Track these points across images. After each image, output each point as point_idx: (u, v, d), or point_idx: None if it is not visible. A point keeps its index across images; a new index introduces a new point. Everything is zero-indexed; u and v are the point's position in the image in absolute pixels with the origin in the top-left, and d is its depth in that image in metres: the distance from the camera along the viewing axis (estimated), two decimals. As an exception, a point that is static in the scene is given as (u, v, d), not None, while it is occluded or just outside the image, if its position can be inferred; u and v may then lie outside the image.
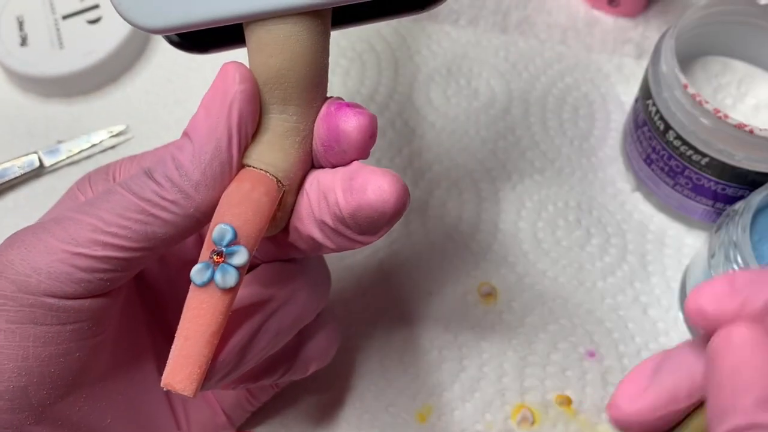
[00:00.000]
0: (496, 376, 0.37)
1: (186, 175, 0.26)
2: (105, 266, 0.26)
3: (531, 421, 0.36)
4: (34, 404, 0.27)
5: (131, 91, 0.48)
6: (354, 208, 0.25)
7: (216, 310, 0.25)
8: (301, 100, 0.26)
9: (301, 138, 0.27)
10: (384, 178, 0.25)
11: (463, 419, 0.36)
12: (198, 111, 0.26)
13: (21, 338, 0.26)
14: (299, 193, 0.28)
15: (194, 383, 0.25)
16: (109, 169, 0.31)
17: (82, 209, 0.26)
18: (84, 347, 0.27)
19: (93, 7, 0.48)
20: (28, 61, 0.46)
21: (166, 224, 0.26)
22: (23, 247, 0.26)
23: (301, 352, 0.33)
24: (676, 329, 0.38)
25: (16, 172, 0.44)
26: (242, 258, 0.25)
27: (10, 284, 0.26)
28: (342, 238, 0.27)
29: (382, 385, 0.38)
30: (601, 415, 0.36)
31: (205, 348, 0.25)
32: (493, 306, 0.39)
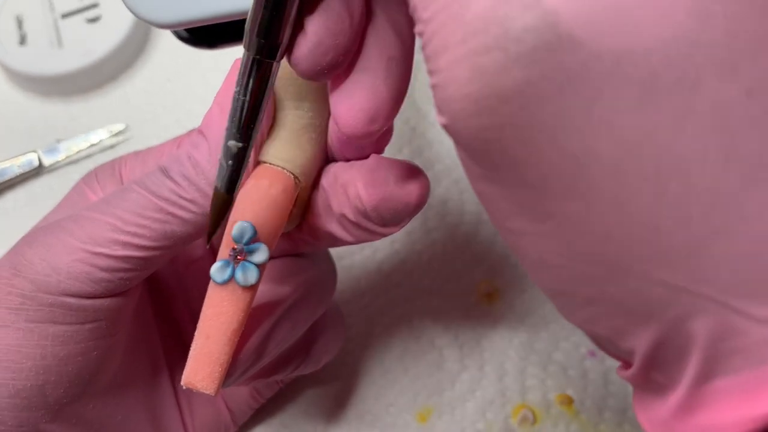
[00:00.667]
0: (497, 375, 0.37)
1: (203, 174, 0.26)
2: (124, 266, 0.26)
3: (532, 421, 0.36)
4: (50, 403, 0.27)
5: (130, 90, 0.47)
6: (377, 200, 0.25)
7: (237, 307, 0.25)
8: (315, 95, 0.26)
9: (317, 134, 0.27)
10: (407, 170, 0.26)
11: (464, 419, 0.36)
12: (212, 107, 0.26)
13: (39, 337, 0.26)
14: (316, 189, 0.27)
15: (215, 382, 0.25)
16: (115, 164, 0.31)
17: (100, 208, 0.26)
18: (101, 346, 0.27)
19: (92, 6, 0.48)
20: (27, 60, 0.46)
21: (185, 223, 0.26)
22: (42, 246, 0.26)
23: (312, 346, 0.33)
24: (677, 329, 0.38)
25: (15, 172, 0.44)
26: (263, 255, 0.25)
27: (29, 284, 0.26)
28: (362, 231, 0.26)
29: (383, 385, 0.38)
30: (602, 415, 0.36)
31: (227, 346, 0.25)
32: (494, 305, 0.39)
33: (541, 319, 0.39)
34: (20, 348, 0.26)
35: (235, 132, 0.23)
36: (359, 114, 0.22)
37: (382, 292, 0.40)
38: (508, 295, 0.40)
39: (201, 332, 0.26)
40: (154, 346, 0.32)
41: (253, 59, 0.22)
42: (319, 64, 0.21)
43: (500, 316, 0.39)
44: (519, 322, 0.39)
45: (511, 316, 0.39)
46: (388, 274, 0.40)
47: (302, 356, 0.32)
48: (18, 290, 0.26)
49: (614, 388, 0.37)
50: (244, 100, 0.23)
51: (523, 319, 0.39)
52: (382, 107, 0.22)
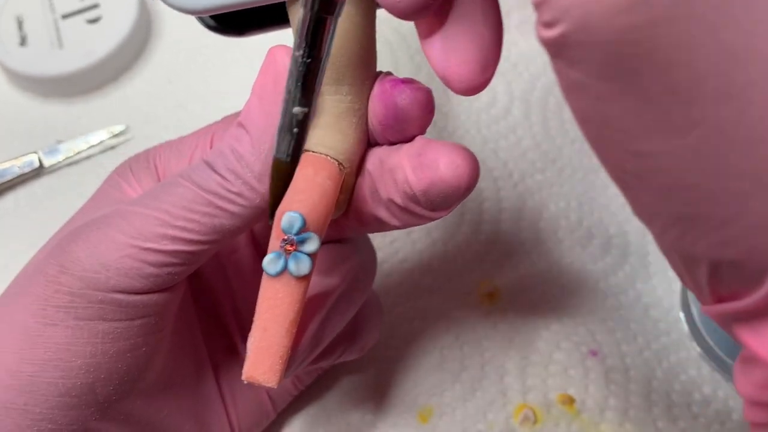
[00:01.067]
0: (498, 375, 0.37)
1: (248, 167, 0.25)
2: (173, 260, 0.26)
3: (533, 421, 0.36)
4: (100, 401, 0.27)
5: (131, 91, 0.47)
6: (427, 185, 0.25)
7: (292, 298, 0.25)
8: (353, 78, 0.26)
9: (358, 118, 0.26)
10: (456, 152, 0.25)
11: (465, 419, 0.36)
12: (250, 99, 0.26)
13: (90, 335, 0.26)
14: (360, 174, 0.27)
15: (277, 374, 0.25)
16: (149, 156, 0.30)
17: (147, 203, 0.26)
18: (150, 342, 0.27)
19: (92, 7, 0.48)
20: (28, 60, 0.46)
21: (233, 216, 0.26)
22: (89, 243, 0.26)
23: (356, 332, 0.33)
24: (678, 329, 0.38)
25: (16, 172, 0.44)
26: (314, 245, 0.25)
27: (78, 281, 0.25)
28: (410, 215, 0.26)
29: (384, 384, 0.37)
30: (603, 414, 0.36)
31: (285, 338, 0.25)
32: (495, 305, 0.39)
33: (542, 318, 0.39)
34: (70, 346, 0.26)
35: (300, 97, 0.23)
36: (472, 65, 0.22)
37: (383, 292, 0.40)
38: (508, 294, 0.40)
39: (258, 325, 0.25)
40: (196, 340, 0.32)
41: (311, 17, 0.22)
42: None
43: (501, 316, 0.39)
44: (520, 321, 0.39)
45: (512, 315, 0.39)
46: (389, 273, 0.40)
47: (347, 342, 0.32)
48: (66, 288, 0.26)
49: (615, 388, 0.37)
50: (304, 61, 0.22)
51: (524, 319, 0.39)
52: (490, 54, 0.22)
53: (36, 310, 0.26)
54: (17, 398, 0.26)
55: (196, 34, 0.50)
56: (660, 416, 0.36)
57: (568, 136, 0.45)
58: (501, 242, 0.41)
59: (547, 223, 0.42)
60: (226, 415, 0.33)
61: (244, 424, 0.33)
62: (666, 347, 0.38)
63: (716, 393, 0.37)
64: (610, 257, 0.41)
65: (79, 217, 0.30)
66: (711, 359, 0.37)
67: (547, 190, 0.43)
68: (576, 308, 0.39)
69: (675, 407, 0.36)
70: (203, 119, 0.46)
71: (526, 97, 0.46)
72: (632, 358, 0.38)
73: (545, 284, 0.40)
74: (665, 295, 0.39)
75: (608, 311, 0.39)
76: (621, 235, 0.41)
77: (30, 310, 0.26)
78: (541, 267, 0.40)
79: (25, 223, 0.43)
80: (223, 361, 0.33)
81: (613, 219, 0.42)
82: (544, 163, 0.44)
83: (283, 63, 0.25)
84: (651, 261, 0.40)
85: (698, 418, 0.36)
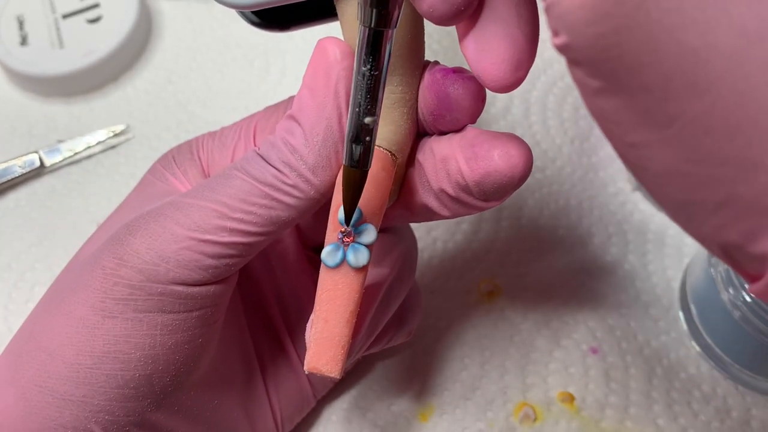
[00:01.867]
0: (498, 373, 0.37)
1: (302, 159, 0.25)
2: (231, 252, 0.26)
3: (533, 419, 0.36)
4: (156, 392, 0.27)
5: (131, 91, 0.48)
6: (481, 175, 0.25)
7: (352, 289, 0.25)
8: (404, 69, 0.26)
9: (408, 108, 0.26)
10: (510, 142, 0.25)
11: (465, 417, 0.36)
12: (301, 91, 0.26)
13: (149, 327, 0.26)
14: (410, 164, 0.27)
15: (339, 364, 0.26)
16: (192, 147, 0.31)
17: (203, 195, 0.26)
18: (206, 333, 0.28)
19: (93, 7, 0.48)
20: (29, 60, 0.46)
21: (288, 208, 0.26)
22: (147, 235, 0.26)
23: (404, 316, 0.33)
24: (677, 328, 0.38)
25: (17, 172, 0.44)
26: (371, 236, 0.25)
27: (138, 273, 0.26)
28: (461, 205, 0.26)
29: (384, 384, 0.38)
30: (604, 412, 0.36)
31: (345, 328, 0.26)
32: (495, 303, 0.39)
33: (542, 316, 0.39)
34: (129, 338, 0.26)
35: (370, 107, 0.23)
36: (504, 65, 0.22)
37: (383, 291, 0.40)
38: (509, 293, 0.40)
39: (319, 316, 0.26)
40: (243, 331, 0.32)
41: (370, 31, 0.22)
42: (455, 3, 0.21)
43: (501, 314, 0.39)
44: (520, 319, 0.39)
45: (511, 314, 0.39)
46: (389, 273, 0.40)
47: (396, 328, 0.33)
48: (126, 281, 0.26)
49: (615, 386, 0.37)
50: (372, 74, 0.23)
51: (525, 317, 0.39)
52: (523, 54, 0.22)
53: (95, 302, 0.26)
54: (75, 390, 0.26)
55: (196, 34, 0.50)
56: (660, 414, 0.36)
57: (568, 135, 0.45)
58: (501, 241, 0.41)
59: (547, 222, 0.42)
60: (269, 403, 0.33)
61: (286, 412, 0.34)
62: (666, 345, 0.38)
63: (715, 391, 0.37)
64: (609, 255, 0.41)
65: (126, 209, 0.30)
66: (710, 357, 0.37)
67: (547, 189, 0.43)
68: (576, 306, 0.39)
69: (675, 405, 0.36)
70: (203, 119, 0.46)
71: (526, 96, 0.46)
72: (632, 356, 0.38)
73: (545, 282, 0.40)
74: (664, 293, 0.39)
75: (608, 309, 0.39)
76: (620, 233, 0.41)
77: (89, 303, 0.26)
78: (540, 265, 0.40)
79: (26, 222, 0.43)
80: (267, 350, 0.33)
81: (613, 218, 0.42)
82: (543, 161, 0.44)
83: (333, 54, 0.25)
84: (650, 260, 0.40)
85: (698, 416, 0.36)
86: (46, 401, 0.26)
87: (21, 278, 0.41)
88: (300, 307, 0.33)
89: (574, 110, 0.46)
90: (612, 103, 0.19)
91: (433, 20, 0.22)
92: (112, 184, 0.44)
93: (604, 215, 0.42)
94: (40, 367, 0.26)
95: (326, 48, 0.25)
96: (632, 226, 0.42)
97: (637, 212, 0.42)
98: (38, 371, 0.26)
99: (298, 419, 0.35)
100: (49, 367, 0.26)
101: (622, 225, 0.42)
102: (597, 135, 0.45)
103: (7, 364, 0.27)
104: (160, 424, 0.28)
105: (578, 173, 0.43)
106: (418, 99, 0.27)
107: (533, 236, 0.41)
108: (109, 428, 0.26)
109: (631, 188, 0.43)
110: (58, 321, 0.26)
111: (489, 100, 0.46)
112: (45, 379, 0.26)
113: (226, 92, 0.47)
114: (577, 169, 0.43)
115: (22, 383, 0.26)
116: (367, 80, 0.23)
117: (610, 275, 0.40)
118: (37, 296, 0.40)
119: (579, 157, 0.44)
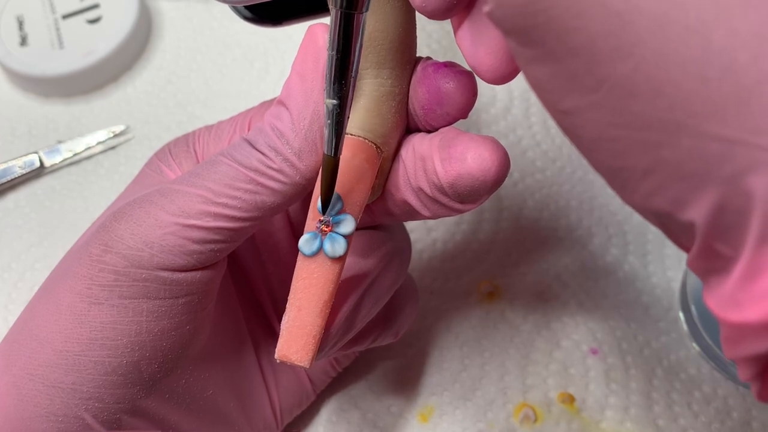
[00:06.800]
0: (498, 374, 0.37)
1: (288, 144, 0.25)
2: (216, 237, 0.26)
3: (533, 420, 0.36)
4: (145, 378, 0.27)
5: (131, 91, 0.48)
6: (453, 177, 0.25)
7: (327, 279, 0.25)
8: (395, 62, 0.26)
9: (397, 102, 0.26)
10: (484, 145, 0.25)
11: (465, 418, 0.36)
12: (291, 77, 0.26)
13: (134, 313, 0.26)
14: (395, 159, 0.27)
15: (309, 353, 0.25)
16: (189, 140, 0.31)
17: (188, 181, 0.26)
18: (194, 320, 0.27)
19: (93, 7, 0.48)
20: (28, 61, 0.46)
21: (274, 193, 0.26)
22: (132, 221, 0.26)
23: (391, 317, 0.33)
24: (677, 328, 0.38)
25: (17, 172, 0.44)
26: (350, 226, 0.25)
27: (122, 259, 0.26)
28: (439, 206, 0.26)
29: (384, 385, 0.38)
30: (604, 413, 0.36)
31: (318, 318, 0.25)
32: (495, 304, 0.39)
33: (542, 317, 0.39)
34: (115, 325, 0.26)
35: (329, 89, 0.23)
36: (499, 55, 0.22)
37: (383, 292, 0.40)
38: (508, 294, 0.40)
39: (292, 305, 0.26)
40: (237, 321, 0.32)
41: (340, 14, 0.22)
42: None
43: (501, 315, 0.39)
44: (520, 320, 0.39)
45: (511, 314, 0.39)
46: (389, 273, 0.40)
47: (381, 328, 0.32)
48: (111, 267, 0.26)
49: (616, 386, 0.37)
50: (335, 56, 0.23)
51: (525, 318, 0.39)
52: None
53: (81, 289, 0.26)
54: (65, 377, 0.26)
55: (196, 34, 0.50)
56: (660, 415, 0.36)
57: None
58: (501, 241, 0.41)
59: (546, 222, 0.42)
60: (268, 395, 0.33)
61: (285, 404, 0.34)
62: (666, 346, 0.38)
63: (716, 391, 0.37)
64: (609, 256, 0.41)
65: (120, 201, 0.30)
66: (710, 358, 0.37)
67: (547, 189, 0.43)
68: (576, 307, 0.39)
69: (675, 406, 0.36)
70: (203, 119, 0.46)
71: (526, 96, 0.46)
72: (632, 356, 0.38)
73: (545, 283, 0.40)
74: (664, 294, 0.39)
75: (608, 310, 0.39)
76: (620, 234, 0.41)
77: (75, 290, 0.26)
78: (540, 266, 0.40)
79: (26, 222, 0.43)
80: (264, 342, 0.33)
81: (613, 218, 0.42)
82: (543, 162, 0.44)
83: (323, 40, 0.25)
84: (650, 260, 0.40)
85: (698, 417, 0.36)
86: (37, 389, 0.26)
87: (21, 278, 0.41)
88: None
89: (574, 110, 0.45)
90: (544, 71, 0.19)
91: (426, 14, 0.22)
92: (112, 184, 0.44)
93: (604, 216, 0.42)
94: (30, 355, 0.26)
95: (316, 34, 0.25)
96: (632, 227, 0.42)
97: (637, 213, 0.42)
98: (29, 359, 0.26)
99: (298, 412, 0.35)
100: (39, 354, 0.26)
101: (622, 226, 0.42)
102: (597, 135, 0.45)
103: (2, 353, 0.27)
104: (151, 411, 0.28)
105: (578, 174, 0.43)
106: (408, 94, 0.26)
107: (533, 237, 0.41)
108: (99, 416, 0.27)
109: (632, 189, 0.43)
110: (48, 309, 0.27)
111: (488, 100, 0.46)
112: (35, 367, 0.26)
113: (226, 92, 0.47)
114: (577, 170, 0.43)
115: (14, 371, 0.26)
116: (332, 62, 0.23)
117: (611, 276, 0.40)
118: (37, 297, 0.40)
119: (579, 157, 0.44)
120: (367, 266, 0.29)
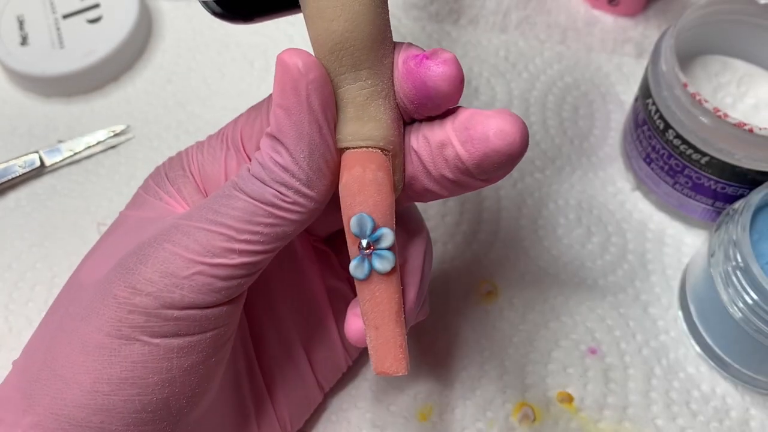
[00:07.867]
0: (497, 374, 0.37)
1: (295, 177, 0.25)
2: (241, 272, 0.26)
3: (532, 419, 0.36)
4: (173, 414, 0.27)
5: (132, 91, 0.48)
6: (479, 158, 0.25)
7: (389, 293, 0.26)
8: (372, 60, 0.25)
9: (383, 98, 0.26)
10: (503, 119, 0.25)
11: (464, 417, 0.36)
12: (275, 112, 0.25)
13: (165, 351, 0.26)
14: (405, 152, 0.27)
15: (402, 362, 0.26)
16: (183, 161, 0.30)
17: (206, 218, 0.26)
18: (220, 351, 0.28)
19: (93, 7, 0.48)
20: (29, 60, 0.46)
21: (293, 222, 0.26)
22: (159, 263, 0.26)
23: None
24: (676, 327, 0.38)
25: (17, 172, 0.44)
26: (389, 239, 0.25)
27: (153, 301, 0.26)
28: (462, 187, 0.26)
29: (383, 384, 0.38)
30: (602, 412, 0.36)
31: (397, 327, 0.26)
32: (494, 304, 0.39)
33: (541, 317, 0.39)
34: (146, 363, 0.26)
35: None
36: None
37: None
38: (508, 293, 0.40)
39: (369, 326, 0.26)
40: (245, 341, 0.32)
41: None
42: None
43: (500, 315, 0.39)
44: (519, 320, 0.39)
45: (510, 314, 0.39)
46: (389, 273, 0.40)
47: None
48: (141, 308, 0.26)
49: (614, 386, 0.37)
50: None
51: (524, 317, 0.39)
52: None
53: (110, 330, 0.26)
54: (93, 417, 0.26)
55: (196, 34, 0.50)
56: (659, 414, 0.36)
57: (567, 135, 0.45)
58: (500, 241, 0.41)
59: (546, 222, 0.42)
60: (275, 411, 0.33)
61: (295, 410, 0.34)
62: (665, 345, 0.38)
63: (715, 390, 0.37)
64: (608, 255, 0.41)
65: (124, 227, 0.30)
66: (709, 357, 0.37)
67: (546, 189, 0.43)
68: (575, 307, 0.39)
69: (674, 405, 0.36)
70: (203, 118, 0.46)
71: (525, 96, 0.46)
72: (631, 356, 0.38)
73: (544, 283, 0.40)
74: (663, 293, 0.40)
75: (607, 309, 0.39)
76: (619, 233, 0.41)
77: (104, 330, 0.26)
78: (539, 266, 0.40)
79: (26, 222, 0.43)
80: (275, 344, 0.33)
81: (612, 218, 0.42)
82: (543, 161, 0.44)
83: (296, 68, 0.24)
84: (649, 259, 0.41)
85: (697, 416, 0.36)
86: (63, 428, 0.26)
87: (21, 278, 0.41)
88: (308, 301, 0.34)
89: (573, 110, 0.46)
90: None
91: None
92: (112, 184, 0.44)
93: (603, 215, 0.42)
94: (55, 395, 0.26)
95: (287, 63, 0.24)
96: (631, 226, 0.42)
97: (637, 212, 0.42)
98: (54, 399, 0.26)
99: (307, 416, 0.35)
100: (65, 395, 0.26)
101: (621, 225, 0.42)
102: (596, 135, 0.45)
103: (21, 391, 0.27)
104: None
105: (578, 173, 0.43)
106: (393, 85, 0.26)
107: (532, 236, 0.41)
108: None
109: (631, 188, 0.43)
110: (73, 349, 0.26)
111: (488, 100, 0.46)
112: (61, 407, 0.26)
113: (226, 92, 0.47)
114: (576, 169, 0.43)
115: (38, 411, 0.26)
116: None
117: (610, 275, 0.40)
118: (38, 296, 0.40)
119: (578, 156, 0.44)
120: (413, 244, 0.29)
